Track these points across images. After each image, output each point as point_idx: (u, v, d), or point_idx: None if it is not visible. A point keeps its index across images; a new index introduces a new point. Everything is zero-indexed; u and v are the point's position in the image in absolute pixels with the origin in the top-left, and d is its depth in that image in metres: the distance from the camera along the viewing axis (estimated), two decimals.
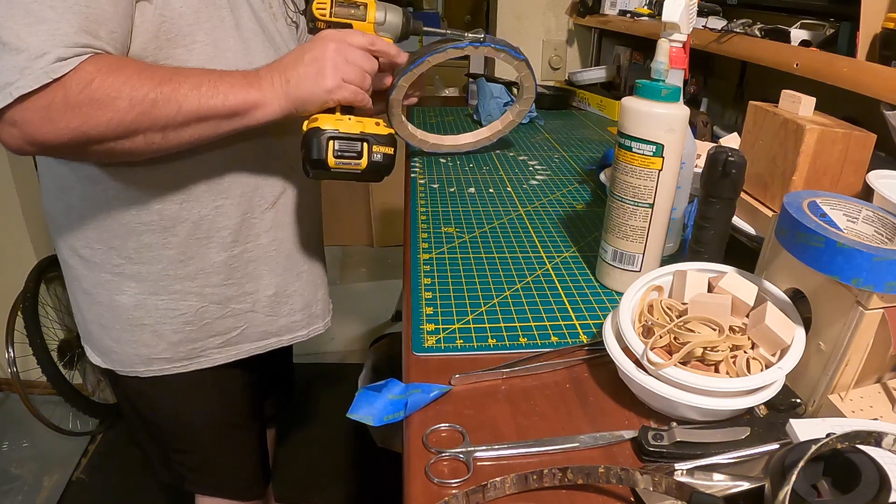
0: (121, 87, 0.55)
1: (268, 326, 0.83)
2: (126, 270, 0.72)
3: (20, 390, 1.64)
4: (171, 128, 0.60)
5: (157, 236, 0.71)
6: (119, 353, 0.77)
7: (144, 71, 0.58)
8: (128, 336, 0.75)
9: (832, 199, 0.55)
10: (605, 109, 1.64)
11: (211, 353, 0.79)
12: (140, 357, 0.77)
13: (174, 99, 0.58)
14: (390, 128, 0.73)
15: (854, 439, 0.37)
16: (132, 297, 0.73)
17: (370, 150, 0.69)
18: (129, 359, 0.77)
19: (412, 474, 0.46)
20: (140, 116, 0.57)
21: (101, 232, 0.71)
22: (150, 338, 0.76)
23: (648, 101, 0.62)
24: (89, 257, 0.72)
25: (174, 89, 0.58)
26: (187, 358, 0.78)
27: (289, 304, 0.84)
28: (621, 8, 1.56)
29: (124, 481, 1.59)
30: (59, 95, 0.53)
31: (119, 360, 0.78)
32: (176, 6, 0.62)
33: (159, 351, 0.76)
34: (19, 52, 0.52)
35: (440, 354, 0.60)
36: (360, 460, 1.65)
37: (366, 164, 0.69)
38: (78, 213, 0.70)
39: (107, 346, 0.77)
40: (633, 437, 0.49)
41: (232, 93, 0.61)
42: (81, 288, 0.75)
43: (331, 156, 0.68)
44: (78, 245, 0.72)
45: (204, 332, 0.78)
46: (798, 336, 0.50)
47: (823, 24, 0.92)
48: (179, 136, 0.61)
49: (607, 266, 0.71)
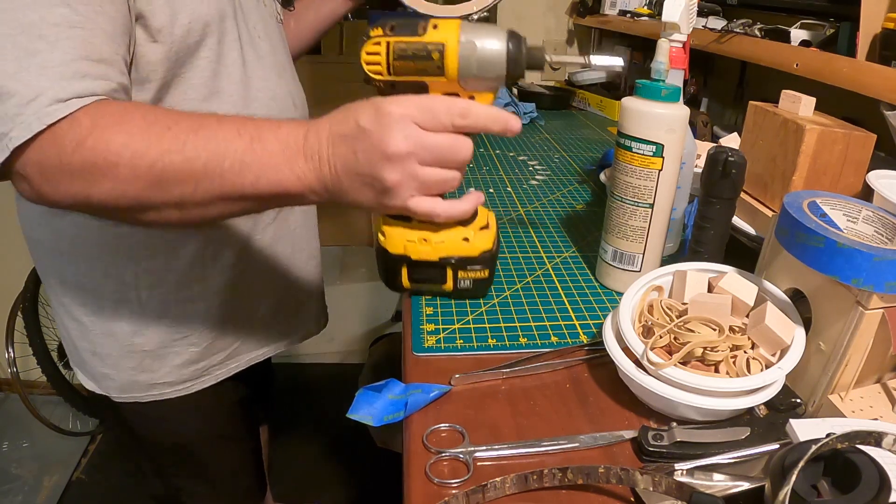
0: (120, 152, 0.44)
1: (266, 335, 0.81)
2: (125, 296, 0.68)
3: (20, 390, 1.64)
4: (191, 205, 0.48)
5: (160, 261, 0.67)
6: (117, 379, 0.72)
7: (152, 128, 0.46)
8: (126, 363, 0.71)
9: (832, 199, 0.55)
10: (605, 109, 1.64)
11: (213, 371, 0.77)
12: (140, 384, 0.73)
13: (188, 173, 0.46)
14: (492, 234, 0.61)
15: (854, 439, 0.37)
16: (131, 324, 0.69)
17: (455, 275, 0.62)
18: (129, 385, 0.73)
19: (412, 474, 0.46)
20: (147, 190, 0.46)
21: (98, 259, 0.66)
22: (151, 363, 0.72)
23: (648, 101, 0.62)
24: (83, 286, 0.67)
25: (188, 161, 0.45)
26: (191, 379, 0.75)
27: (284, 312, 0.82)
28: (621, 8, 1.56)
29: (124, 481, 1.59)
30: (52, 153, 0.44)
31: (117, 386, 0.73)
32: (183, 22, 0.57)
33: (161, 376, 0.73)
34: (10, 97, 0.43)
35: (440, 354, 0.60)
36: (360, 460, 1.65)
37: (451, 288, 0.63)
38: (70, 240, 0.65)
39: (101, 374, 0.73)
40: (633, 437, 0.49)
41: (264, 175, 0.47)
42: (72, 317, 0.70)
43: (405, 278, 0.63)
44: (69, 273, 0.67)
45: (208, 351, 0.75)
46: (798, 336, 0.50)
47: (823, 24, 0.92)
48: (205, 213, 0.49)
49: (607, 266, 0.71)
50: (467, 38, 0.53)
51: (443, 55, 0.52)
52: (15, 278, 1.64)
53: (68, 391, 1.66)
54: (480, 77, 0.54)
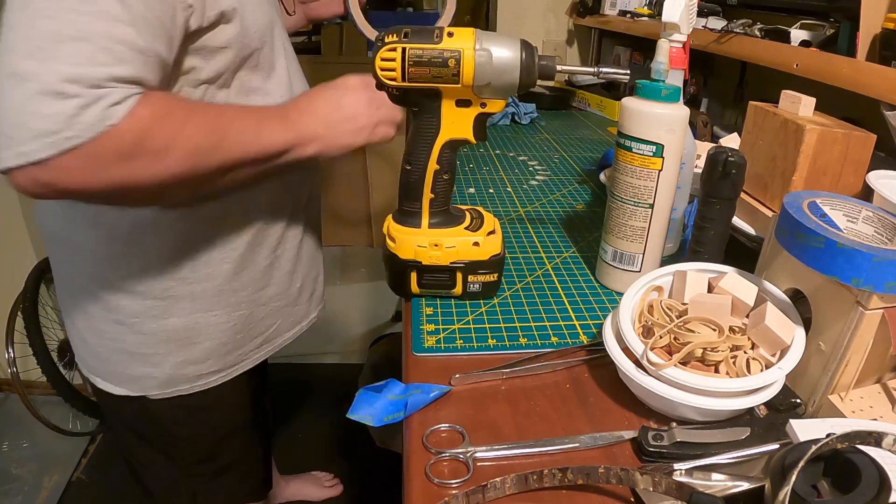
0: (175, 138, 0.52)
1: (295, 316, 0.85)
2: (177, 293, 0.69)
3: (20, 390, 1.63)
4: (218, 175, 0.58)
5: (218, 252, 0.70)
6: (159, 376, 0.73)
7: (193, 116, 0.54)
8: (173, 358, 0.72)
9: (832, 199, 0.55)
10: (605, 109, 1.64)
11: (251, 355, 0.80)
12: (185, 375, 0.74)
13: (222, 148, 0.56)
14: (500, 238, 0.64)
15: (854, 439, 0.37)
16: (183, 319, 0.70)
17: (465, 279, 0.63)
18: (170, 380, 0.74)
19: (412, 474, 0.46)
20: (192, 168, 0.54)
21: (154, 257, 0.66)
22: (199, 354, 0.74)
23: (648, 101, 0.62)
24: (131, 287, 0.67)
25: (222, 138, 0.55)
26: (233, 365, 0.78)
27: (307, 293, 0.87)
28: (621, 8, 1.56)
29: (124, 481, 1.59)
30: (111, 146, 0.48)
31: (158, 383, 0.74)
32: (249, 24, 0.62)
33: (208, 365, 0.75)
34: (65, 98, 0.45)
35: (440, 355, 0.60)
36: (360, 460, 1.65)
37: (461, 292, 0.65)
38: (124, 241, 0.65)
39: (138, 374, 0.73)
40: (633, 437, 0.49)
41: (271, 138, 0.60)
42: (113, 319, 0.70)
43: (414, 284, 0.64)
44: (115, 276, 0.67)
45: (249, 336, 0.78)
46: (798, 336, 0.50)
47: (823, 24, 0.92)
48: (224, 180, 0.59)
49: (607, 266, 0.71)
50: (482, 46, 0.54)
51: (459, 62, 0.53)
52: (15, 278, 1.64)
53: (68, 391, 1.66)
54: (495, 85, 0.55)
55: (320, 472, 1.57)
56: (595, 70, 0.60)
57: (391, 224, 0.65)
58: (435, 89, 0.56)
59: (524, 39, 0.56)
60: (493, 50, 0.54)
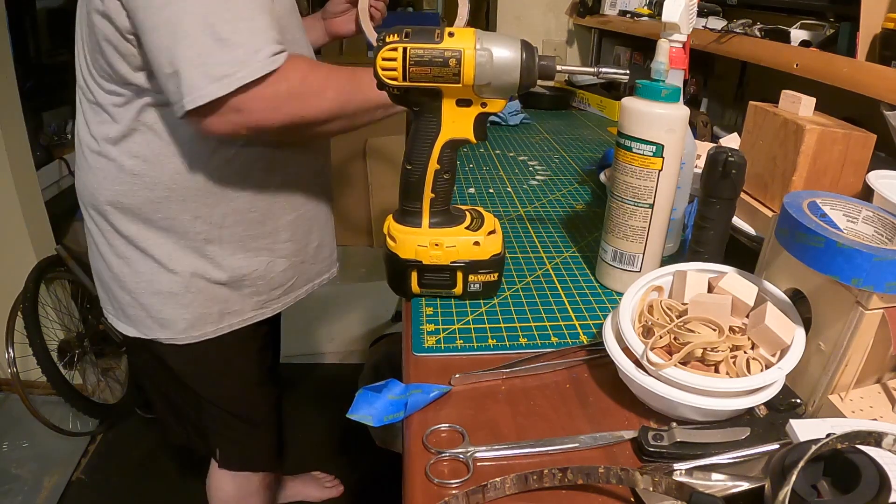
0: (326, 81, 0.67)
1: (311, 273, 0.94)
2: (210, 235, 0.79)
3: (20, 390, 1.63)
4: (359, 114, 0.71)
5: (245, 202, 0.80)
6: (188, 317, 0.82)
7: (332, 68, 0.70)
8: (202, 297, 0.81)
9: (832, 199, 0.55)
10: (605, 109, 1.64)
11: (271, 304, 0.89)
12: (212, 314, 0.83)
13: (361, 90, 0.69)
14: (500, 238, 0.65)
15: (854, 439, 0.37)
16: (212, 260, 0.80)
17: (465, 279, 0.64)
18: (199, 319, 0.83)
19: (412, 474, 0.46)
20: (343, 105, 0.69)
21: (189, 202, 0.77)
22: (226, 294, 0.83)
23: (648, 101, 0.62)
24: (169, 227, 0.78)
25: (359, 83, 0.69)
26: (254, 309, 0.87)
27: (323, 252, 0.96)
28: (621, 8, 1.56)
29: (124, 481, 1.59)
30: (283, 87, 0.63)
31: (186, 326, 0.82)
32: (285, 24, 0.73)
33: (232, 304, 0.84)
34: (236, 47, 0.60)
35: (440, 354, 0.60)
36: (360, 460, 1.65)
37: (461, 292, 0.65)
38: (165, 186, 0.76)
39: (170, 316, 0.82)
40: (633, 437, 0.49)
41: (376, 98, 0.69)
42: (153, 259, 0.79)
43: (414, 284, 0.65)
44: (156, 217, 0.77)
45: (269, 285, 0.87)
46: (798, 336, 0.50)
47: (823, 25, 0.92)
48: (361, 119, 0.72)
49: (607, 266, 0.71)
50: (483, 46, 0.54)
51: (460, 62, 0.54)
52: (15, 278, 1.64)
53: (68, 391, 1.66)
54: (495, 85, 0.55)
55: (320, 472, 1.57)
56: (595, 70, 0.61)
57: (391, 224, 0.65)
58: (436, 89, 0.56)
59: (524, 40, 0.56)
60: (493, 50, 0.54)
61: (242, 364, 0.92)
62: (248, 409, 0.96)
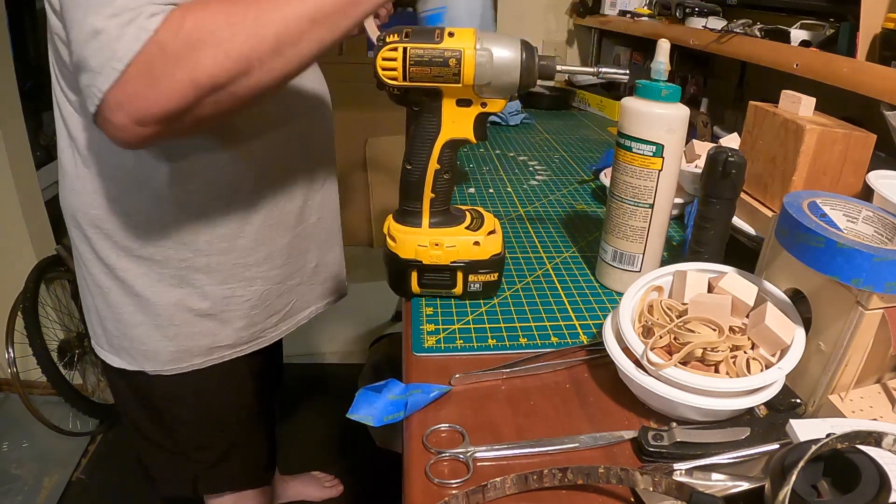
0: (215, 17, 0.48)
1: (310, 296, 0.87)
2: (195, 263, 0.71)
3: (20, 390, 1.63)
4: (288, 44, 0.50)
5: (234, 226, 0.72)
6: (174, 349, 0.75)
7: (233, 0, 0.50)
8: (187, 330, 0.74)
9: (832, 199, 0.55)
10: (605, 110, 1.64)
11: (268, 333, 0.82)
12: (200, 348, 0.76)
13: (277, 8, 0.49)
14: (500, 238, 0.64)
15: (854, 439, 0.37)
16: (198, 290, 0.73)
17: (465, 278, 0.63)
18: (185, 353, 0.75)
19: (412, 474, 0.46)
20: (247, 41, 0.49)
21: (172, 228, 0.69)
22: (214, 327, 0.75)
23: (648, 101, 0.62)
24: (150, 256, 0.70)
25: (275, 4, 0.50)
26: (249, 341, 0.79)
27: (323, 273, 0.88)
28: (621, 8, 1.56)
29: (124, 481, 1.59)
30: (155, 51, 0.46)
31: (171, 358, 0.75)
32: None
33: (222, 338, 0.77)
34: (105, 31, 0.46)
35: (440, 354, 0.60)
36: (360, 460, 1.65)
37: (461, 292, 0.65)
38: (144, 213, 0.68)
39: (155, 348, 0.74)
40: (633, 437, 0.49)
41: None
42: (131, 291, 0.72)
43: (414, 283, 0.64)
44: (135, 246, 0.69)
45: (265, 313, 0.79)
46: (798, 336, 0.50)
47: (823, 24, 0.92)
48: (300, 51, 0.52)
49: (607, 266, 0.71)
50: (483, 46, 0.54)
51: (460, 62, 0.54)
52: (15, 278, 1.64)
53: (68, 391, 1.66)
54: (495, 84, 0.55)
55: (320, 472, 1.57)
56: (595, 70, 0.61)
57: (391, 224, 0.65)
58: (436, 89, 0.56)
59: (524, 39, 0.56)
60: (493, 50, 0.55)
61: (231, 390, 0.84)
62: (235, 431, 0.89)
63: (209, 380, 0.79)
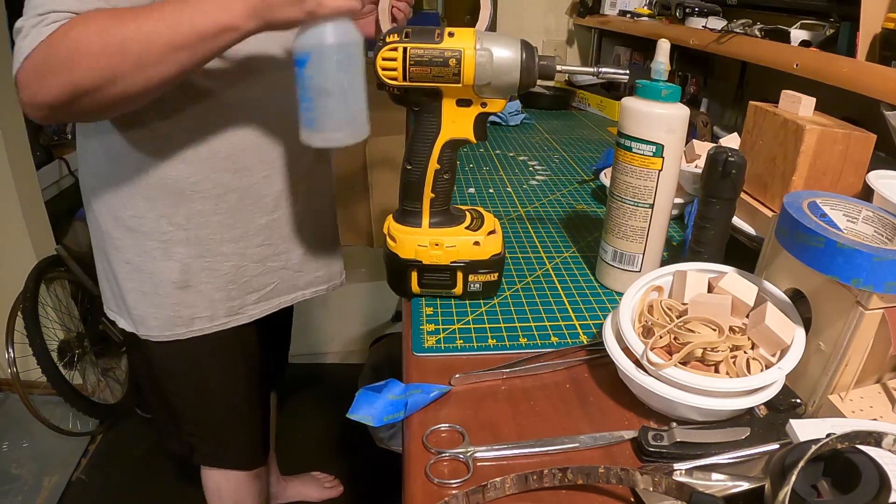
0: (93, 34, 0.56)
1: (296, 281, 0.89)
2: (175, 237, 0.76)
3: (20, 390, 1.63)
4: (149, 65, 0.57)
5: (210, 203, 0.75)
6: (159, 318, 0.80)
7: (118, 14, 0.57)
8: (170, 300, 0.79)
9: (832, 199, 0.55)
10: (605, 110, 1.64)
11: (248, 310, 0.85)
12: (182, 318, 0.80)
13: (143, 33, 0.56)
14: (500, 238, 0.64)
15: (854, 439, 0.37)
16: (178, 262, 0.77)
17: (465, 278, 0.63)
18: (169, 322, 0.80)
19: (412, 474, 0.46)
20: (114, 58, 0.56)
21: (154, 201, 0.74)
22: (194, 298, 0.80)
23: (648, 101, 0.62)
24: (136, 227, 0.75)
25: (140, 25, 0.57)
26: (227, 315, 0.83)
27: (314, 262, 0.90)
28: (621, 8, 1.56)
29: (124, 481, 1.59)
30: (45, 53, 0.55)
31: (158, 325, 0.80)
32: None
33: (202, 310, 0.81)
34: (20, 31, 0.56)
35: (440, 355, 0.60)
36: (360, 460, 1.65)
37: (461, 291, 0.65)
38: (130, 184, 0.73)
39: (143, 314, 0.80)
40: (633, 437, 0.49)
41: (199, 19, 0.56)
42: (123, 258, 0.78)
43: (414, 284, 0.64)
44: (125, 215, 0.75)
45: (243, 290, 0.83)
46: (798, 336, 0.50)
47: (823, 25, 0.92)
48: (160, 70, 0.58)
49: (607, 266, 0.71)
50: (483, 46, 0.54)
51: (460, 62, 0.54)
52: (15, 278, 1.64)
53: (68, 391, 1.66)
54: (495, 84, 0.55)
55: (320, 472, 1.57)
56: (595, 70, 0.61)
57: (392, 224, 0.65)
58: (435, 89, 0.57)
59: (524, 40, 0.56)
60: (493, 50, 0.55)
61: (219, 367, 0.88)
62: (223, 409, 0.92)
63: (199, 352, 0.84)
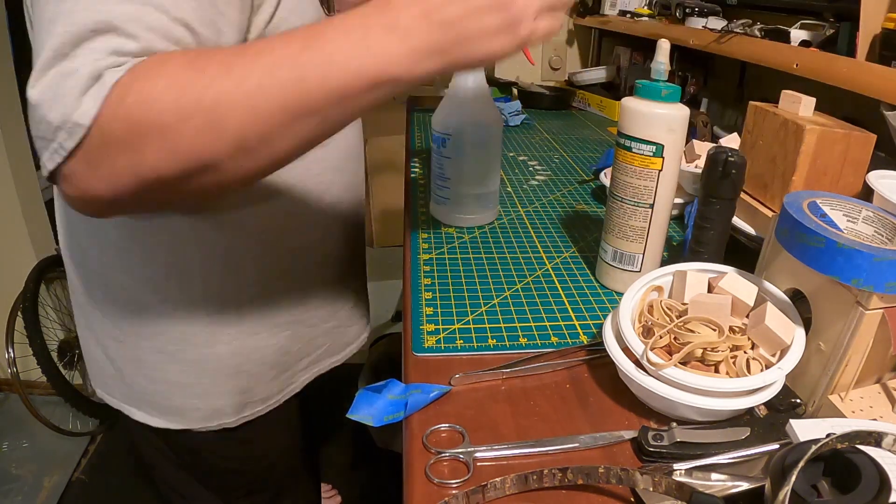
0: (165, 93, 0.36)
1: (345, 338, 0.82)
2: (223, 316, 0.64)
3: (20, 390, 1.63)
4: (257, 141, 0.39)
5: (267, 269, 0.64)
6: (203, 408, 0.67)
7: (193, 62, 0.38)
8: (218, 388, 0.67)
9: (832, 199, 0.55)
10: (605, 110, 1.64)
11: (299, 376, 0.76)
12: (232, 406, 0.68)
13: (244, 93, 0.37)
14: None
15: (854, 439, 0.37)
16: (229, 345, 0.65)
17: None
18: (216, 412, 0.68)
19: (412, 474, 0.46)
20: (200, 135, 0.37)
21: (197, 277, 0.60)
22: (246, 382, 0.68)
23: (648, 101, 0.62)
24: (172, 312, 0.61)
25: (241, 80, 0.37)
26: (280, 391, 0.73)
27: (357, 314, 0.84)
28: (621, 8, 1.56)
29: (124, 481, 1.59)
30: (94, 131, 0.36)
31: (202, 416, 0.68)
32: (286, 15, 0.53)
33: (255, 393, 0.70)
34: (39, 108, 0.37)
35: (440, 355, 0.60)
36: (360, 460, 1.65)
37: None
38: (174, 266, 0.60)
39: (181, 406, 0.67)
40: (633, 437, 0.49)
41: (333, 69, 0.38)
42: (155, 348, 0.64)
43: None
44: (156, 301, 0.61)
45: (295, 357, 0.74)
46: (798, 336, 0.50)
47: (823, 25, 0.92)
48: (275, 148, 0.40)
49: (607, 266, 0.71)
50: None
51: None
52: (15, 278, 1.64)
53: (68, 391, 1.66)
54: None
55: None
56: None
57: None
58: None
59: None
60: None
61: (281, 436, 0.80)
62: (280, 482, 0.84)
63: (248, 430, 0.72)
